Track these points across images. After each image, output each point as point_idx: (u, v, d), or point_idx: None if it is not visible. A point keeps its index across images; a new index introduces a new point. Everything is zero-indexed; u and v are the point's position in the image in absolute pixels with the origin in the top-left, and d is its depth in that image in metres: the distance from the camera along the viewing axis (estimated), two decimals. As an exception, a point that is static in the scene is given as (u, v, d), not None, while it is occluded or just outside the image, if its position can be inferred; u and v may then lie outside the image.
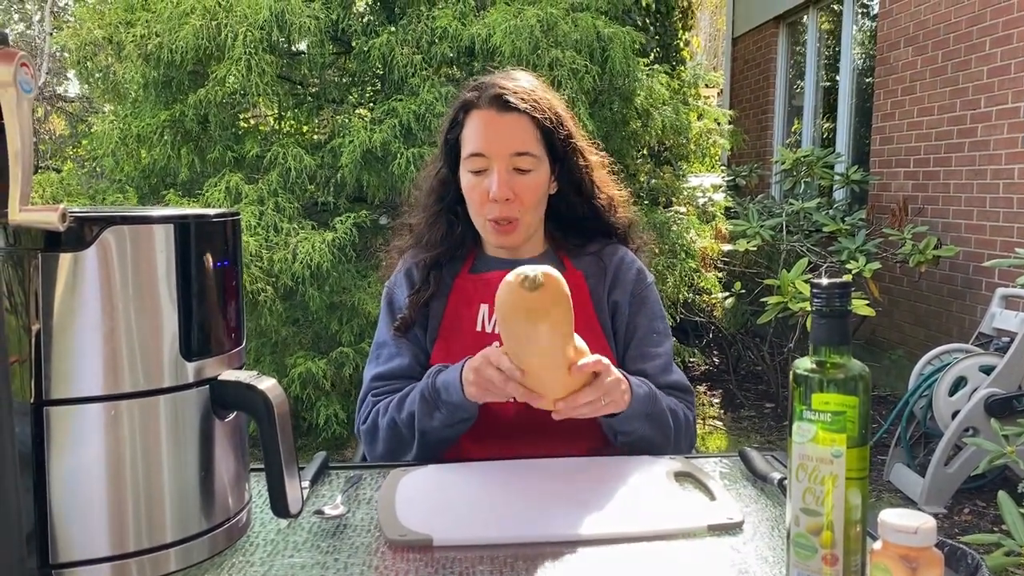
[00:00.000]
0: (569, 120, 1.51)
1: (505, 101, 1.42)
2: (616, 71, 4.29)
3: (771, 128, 7.44)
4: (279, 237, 3.92)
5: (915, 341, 5.06)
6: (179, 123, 4.31)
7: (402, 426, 1.39)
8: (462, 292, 1.50)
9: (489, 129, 1.43)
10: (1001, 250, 4.33)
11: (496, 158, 1.42)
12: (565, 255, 1.54)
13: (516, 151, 1.42)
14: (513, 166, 1.43)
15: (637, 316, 1.52)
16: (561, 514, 1.10)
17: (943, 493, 3.44)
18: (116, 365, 0.86)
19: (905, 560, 0.75)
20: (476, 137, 1.44)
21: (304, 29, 4.15)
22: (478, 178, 1.44)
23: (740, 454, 1.32)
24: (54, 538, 0.85)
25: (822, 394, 0.82)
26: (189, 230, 0.90)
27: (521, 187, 1.43)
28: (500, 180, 1.41)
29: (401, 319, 1.50)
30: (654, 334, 1.52)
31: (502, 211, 1.43)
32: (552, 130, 1.46)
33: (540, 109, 1.44)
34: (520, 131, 1.43)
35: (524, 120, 1.43)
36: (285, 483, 0.94)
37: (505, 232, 1.46)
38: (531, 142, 1.44)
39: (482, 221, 1.47)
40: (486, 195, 1.43)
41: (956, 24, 4.76)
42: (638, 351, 1.50)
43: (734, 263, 5.10)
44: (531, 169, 1.44)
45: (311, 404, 4.01)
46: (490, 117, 1.43)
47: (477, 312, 1.48)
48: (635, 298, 1.53)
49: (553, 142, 1.47)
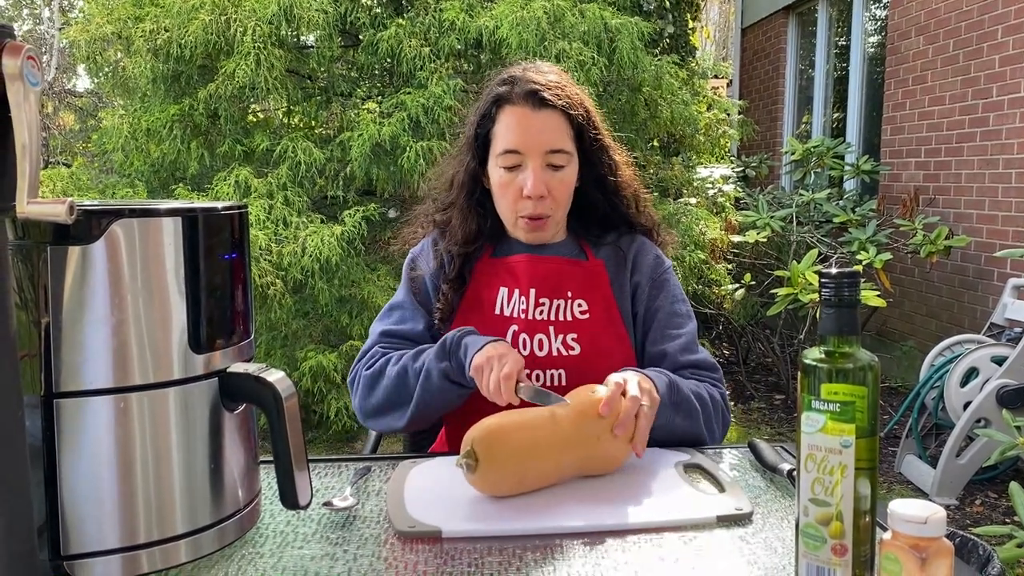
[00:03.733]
0: (597, 116, 1.52)
1: (540, 97, 1.42)
2: (624, 62, 4.28)
3: (781, 118, 7.40)
4: (288, 231, 3.92)
5: (926, 332, 5.03)
6: (188, 117, 4.32)
7: (411, 375, 1.38)
8: (483, 275, 1.51)
9: (524, 126, 1.43)
10: (1013, 240, 4.30)
11: (531, 155, 1.42)
12: (586, 244, 1.55)
13: (551, 148, 1.43)
14: (547, 163, 1.43)
15: (657, 299, 1.53)
16: (570, 506, 1.10)
17: (954, 484, 3.43)
18: (125, 358, 0.86)
19: (915, 550, 0.75)
20: (511, 134, 1.44)
21: (313, 23, 4.15)
22: (511, 174, 1.44)
23: (749, 445, 1.32)
24: (65, 530, 0.85)
25: (831, 384, 0.82)
26: (197, 223, 0.91)
27: (554, 184, 1.44)
28: (536, 178, 1.42)
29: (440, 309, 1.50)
30: (675, 316, 1.52)
31: (536, 208, 1.44)
32: (583, 126, 1.46)
33: (573, 105, 1.45)
34: (554, 128, 1.44)
35: (558, 116, 1.44)
36: (294, 475, 0.94)
37: (537, 228, 1.47)
38: (564, 138, 1.45)
39: (513, 217, 1.48)
40: (519, 192, 1.43)
41: (968, 12, 4.72)
42: (659, 332, 1.50)
43: (744, 254, 5.07)
44: (564, 165, 1.45)
45: (321, 397, 4.02)
46: (525, 113, 1.43)
47: (497, 295, 1.49)
48: (655, 281, 1.53)
49: (583, 138, 1.47)
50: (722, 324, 5.71)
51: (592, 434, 1.17)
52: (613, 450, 1.19)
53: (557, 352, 1.44)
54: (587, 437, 1.16)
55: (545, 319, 1.45)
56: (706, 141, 5.64)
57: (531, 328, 1.45)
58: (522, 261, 1.49)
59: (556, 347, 1.44)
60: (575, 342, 1.44)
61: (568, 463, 1.17)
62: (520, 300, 1.46)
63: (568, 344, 1.44)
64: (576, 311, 1.47)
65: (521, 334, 1.44)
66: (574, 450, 1.16)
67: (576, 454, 1.17)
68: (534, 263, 1.48)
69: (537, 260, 1.49)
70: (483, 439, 1.11)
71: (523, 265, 1.48)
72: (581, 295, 1.48)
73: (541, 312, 1.45)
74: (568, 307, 1.46)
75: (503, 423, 1.15)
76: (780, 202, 5.27)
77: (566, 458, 1.16)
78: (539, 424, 1.16)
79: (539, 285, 1.47)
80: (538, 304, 1.46)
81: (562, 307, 1.46)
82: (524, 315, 1.45)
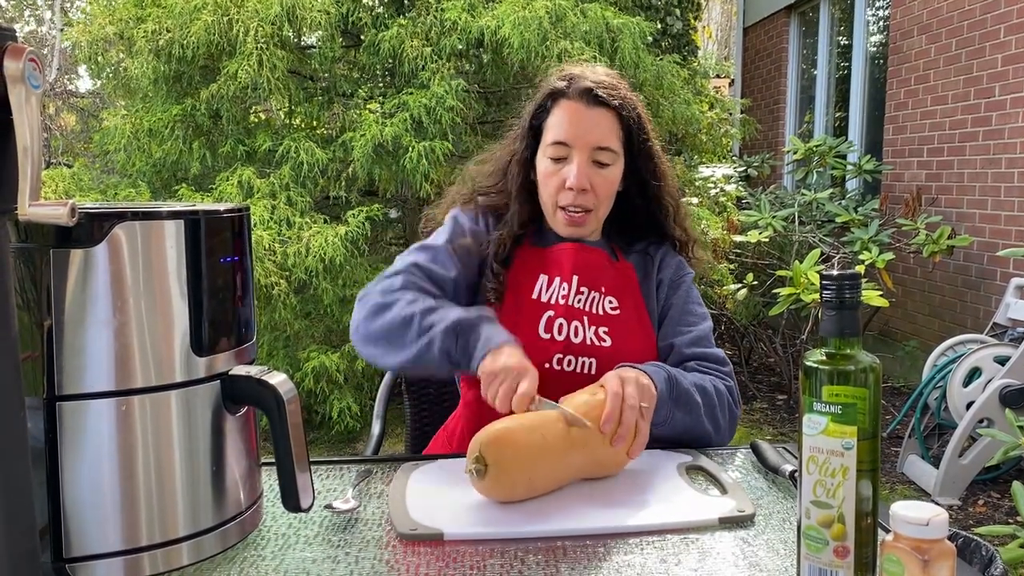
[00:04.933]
0: (648, 122, 1.55)
1: (595, 95, 1.46)
2: (625, 62, 4.28)
3: (783, 118, 7.39)
4: (292, 231, 3.93)
5: (929, 332, 5.03)
6: (190, 118, 4.32)
7: (415, 328, 1.33)
8: (522, 262, 1.52)
9: (576, 120, 1.47)
10: (1016, 239, 4.30)
11: (578, 149, 1.46)
12: (616, 248, 1.58)
13: (598, 144, 1.46)
14: (593, 159, 1.47)
15: (673, 297, 1.56)
16: (572, 508, 1.10)
17: (957, 485, 3.42)
18: (127, 360, 0.86)
19: (917, 552, 0.74)
20: (562, 126, 1.48)
21: (315, 23, 4.15)
22: (556, 165, 1.48)
23: (752, 446, 1.32)
24: (67, 532, 0.85)
25: (832, 386, 0.82)
26: (199, 225, 0.90)
27: (598, 180, 1.47)
28: (580, 171, 1.45)
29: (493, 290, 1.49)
30: (688, 315, 1.54)
31: (576, 199, 1.47)
32: (633, 128, 1.50)
33: (626, 107, 1.49)
34: (605, 125, 1.47)
35: (610, 115, 1.48)
36: (296, 477, 0.94)
37: (576, 223, 1.50)
38: (613, 138, 1.48)
39: (553, 207, 1.51)
40: (562, 183, 1.47)
41: (970, 11, 4.72)
42: (670, 328, 1.53)
43: (746, 254, 5.07)
44: (609, 164, 1.48)
45: (324, 398, 4.02)
46: (578, 108, 1.47)
47: (536, 281, 1.50)
48: (673, 282, 1.57)
49: (632, 140, 1.50)
50: (724, 324, 5.70)
51: (593, 440, 1.16)
52: (611, 460, 1.20)
53: (591, 342, 1.45)
54: (594, 439, 1.16)
55: (582, 308, 1.48)
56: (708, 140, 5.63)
57: (569, 314, 1.46)
58: (567, 250, 1.51)
59: (589, 337, 1.46)
60: (607, 335, 1.46)
61: (577, 466, 1.16)
62: (561, 287, 1.48)
63: (600, 336, 1.46)
64: (608, 307, 1.49)
65: (558, 319, 1.45)
66: (581, 453, 1.16)
67: (584, 457, 1.16)
68: (578, 252, 1.51)
69: (581, 249, 1.52)
70: (492, 445, 1.10)
71: (568, 253, 1.51)
72: (612, 292, 1.51)
73: (579, 301, 1.48)
74: (601, 301, 1.49)
75: (511, 427, 1.14)
76: (782, 202, 5.27)
77: (575, 461, 1.16)
78: (547, 428, 1.15)
79: (581, 273, 1.49)
80: (578, 292, 1.48)
81: (596, 300, 1.49)
82: (564, 301, 1.47)
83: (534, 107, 1.54)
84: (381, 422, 1.78)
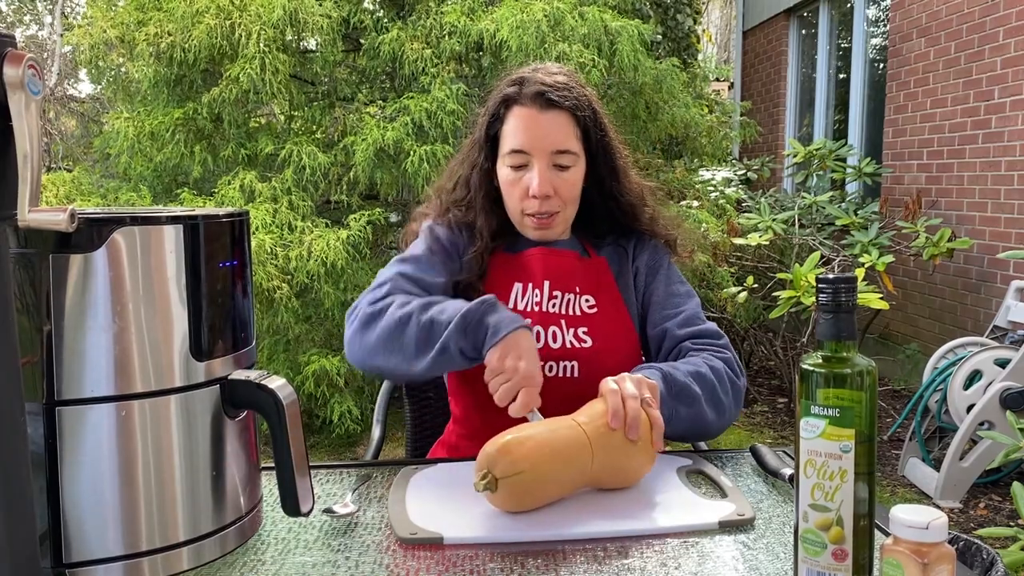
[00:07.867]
0: (604, 117, 1.53)
1: (548, 98, 1.43)
2: (624, 65, 4.29)
3: (782, 121, 7.40)
4: (293, 235, 3.93)
5: (929, 334, 5.03)
6: (192, 121, 4.33)
7: (414, 326, 1.31)
8: (496, 271, 1.51)
9: (531, 126, 1.44)
10: (1016, 242, 4.30)
11: (537, 155, 1.44)
12: (587, 243, 1.56)
13: (557, 148, 1.44)
14: (553, 163, 1.44)
15: (654, 283, 1.54)
16: (572, 513, 1.10)
17: (958, 487, 3.42)
18: (127, 365, 0.87)
19: (917, 556, 0.74)
20: (517, 134, 1.45)
21: (317, 27, 4.16)
22: (517, 173, 1.46)
23: (751, 450, 1.32)
24: (67, 538, 0.86)
25: (829, 389, 0.82)
26: (198, 230, 0.91)
27: (561, 183, 1.45)
28: (541, 178, 1.43)
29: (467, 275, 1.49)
30: (673, 296, 1.52)
31: (542, 206, 1.45)
32: (590, 127, 1.47)
33: (580, 106, 1.46)
34: (561, 129, 1.45)
35: (565, 116, 1.45)
36: (296, 482, 0.94)
37: (543, 227, 1.48)
38: (571, 139, 1.45)
39: (520, 215, 1.49)
40: (525, 191, 1.45)
41: (969, 14, 4.72)
42: (657, 314, 1.51)
43: (746, 257, 5.07)
44: (570, 165, 1.46)
45: (324, 401, 4.02)
46: (532, 114, 1.44)
47: (511, 291, 1.49)
48: (651, 267, 1.55)
49: (589, 139, 1.48)
50: (724, 327, 5.70)
51: (609, 445, 1.14)
52: (634, 462, 1.17)
53: (570, 344, 1.44)
54: (605, 447, 1.14)
55: (558, 312, 1.46)
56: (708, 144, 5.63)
57: (545, 321, 1.45)
58: (535, 255, 1.50)
59: (569, 340, 1.44)
60: (587, 335, 1.45)
61: (591, 473, 1.14)
62: (534, 293, 1.47)
63: (580, 337, 1.45)
64: (584, 306, 1.48)
65: (535, 327, 1.44)
66: (593, 462, 1.13)
67: (595, 466, 1.14)
68: (547, 256, 1.50)
69: (550, 253, 1.50)
70: (502, 456, 1.08)
71: (536, 258, 1.50)
72: (588, 291, 1.49)
73: (554, 305, 1.47)
74: (577, 302, 1.48)
75: (521, 438, 1.11)
76: (782, 204, 5.27)
77: (587, 469, 1.13)
78: (558, 438, 1.13)
79: (552, 278, 1.48)
80: (551, 297, 1.47)
81: (572, 301, 1.47)
82: (538, 307, 1.46)
83: (488, 116, 1.50)
84: (381, 426, 1.78)
